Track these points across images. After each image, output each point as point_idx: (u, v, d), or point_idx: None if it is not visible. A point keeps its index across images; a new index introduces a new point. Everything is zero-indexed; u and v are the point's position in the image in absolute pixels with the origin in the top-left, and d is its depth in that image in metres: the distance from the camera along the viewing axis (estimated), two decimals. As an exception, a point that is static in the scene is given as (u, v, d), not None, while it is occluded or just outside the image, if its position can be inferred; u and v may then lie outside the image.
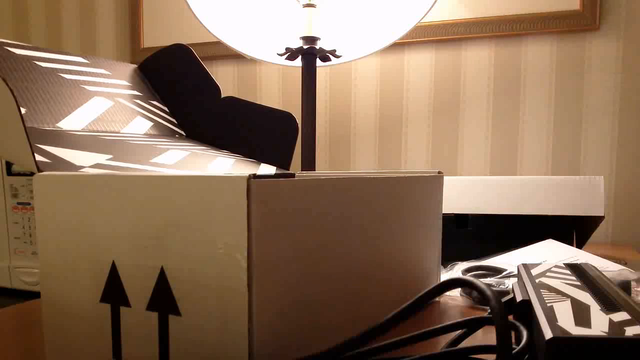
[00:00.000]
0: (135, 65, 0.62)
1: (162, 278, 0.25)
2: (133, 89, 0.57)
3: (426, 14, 0.91)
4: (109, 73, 0.56)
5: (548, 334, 0.20)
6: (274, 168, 0.55)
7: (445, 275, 0.52)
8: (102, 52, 1.40)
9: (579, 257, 0.53)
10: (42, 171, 0.31)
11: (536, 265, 0.34)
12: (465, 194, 0.66)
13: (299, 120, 1.15)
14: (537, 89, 1.01)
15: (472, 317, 0.26)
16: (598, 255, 0.69)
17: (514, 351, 0.22)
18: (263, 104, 0.63)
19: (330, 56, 0.92)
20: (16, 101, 0.30)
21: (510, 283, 0.44)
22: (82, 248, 0.28)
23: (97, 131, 0.46)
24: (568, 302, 0.25)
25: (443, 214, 0.64)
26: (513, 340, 0.30)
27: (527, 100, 1.02)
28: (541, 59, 1.00)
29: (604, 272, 0.43)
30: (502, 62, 1.03)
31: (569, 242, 0.63)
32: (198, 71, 0.61)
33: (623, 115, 0.96)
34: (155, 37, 1.32)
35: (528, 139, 1.02)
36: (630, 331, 0.20)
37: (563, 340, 0.20)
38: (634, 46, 0.95)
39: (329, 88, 1.17)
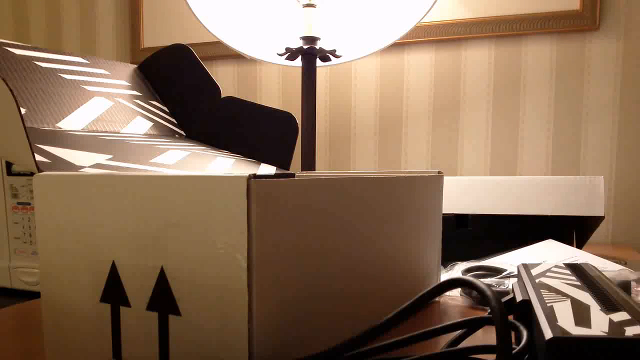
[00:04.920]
0: (135, 66, 0.62)
1: (162, 278, 0.25)
2: (133, 89, 0.57)
3: (426, 14, 0.91)
4: (109, 73, 0.56)
5: (548, 334, 0.20)
6: (274, 168, 0.55)
7: (445, 275, 0.52)
8: (102, 52, 1.40)
9: (579, 257, 0.53)
10: (42, 171, 0.31)
11: (536, 265, 0.34)
12: (465, 194, 0.66)
13: (299, 120, 1.15)
14: (537, 88, 1.01)
15: (472, 317, 0.26)
16: (598, 255, 0.69)
17: (514, 351, 0.22)
18: (263, 104, 0.63)
19: (330, 56, 0.92)
20: (16, 101, 0.30)
21: (510, 283, 0.44)
22: (82, 248, 0.28)
23: (97, 131, 0.46)
24: (568, 302, 0.25)
25: (443, 214, 0.64)
26: (513, 340, 0.30)
27: (527, 100, 1.02)
28: (541, 59, 1.00)
29: (604, 272, 0.43)
30: (502, 62, 1.03)
31: (569, 242, 0.63)
32: (198, 71, 0.61)
33: (623, 115, 0.96)
34: (155, 37, 1.32)
35: (528, 139, 1.02)
36: (630, 331, 0.20)
37: (563, 340, 0.20)
38: (634, 46, 0.95)
39: (329, 88, 1.17)
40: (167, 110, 0.60)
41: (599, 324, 0.21)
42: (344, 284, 0.31)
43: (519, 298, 0.27)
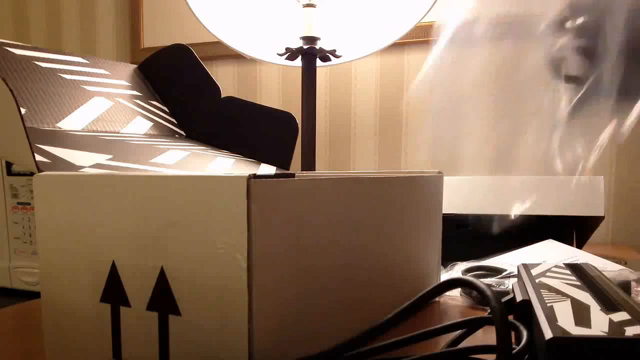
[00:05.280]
0: (135, 66, 0.62)
1: (162, 278, 0.25)
2: (133, 89, 0.57)
3: (426, 14, 0.91)
4: (109, 73, 0.56)
5: (548, 334, 0.20)
6: (274, 168, 0.55)
7: (445, 275, 0.52)
8: (102, 52, 1.40)
9: (579, 257, 0.53)
10: (42, 171, 0.31)
11: (536, 265, 0.34)
12: (465, 194, 0.66)
13: (299, 120, 1.15)
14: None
15: (472, 317, 0.26)
16: (598, 255, 0.69)
17: (514, 351, 0.22)
18: (263, 104, 0.63)
19: (330, 56, 0.92)
20: (16, 101, 0.30)
21: (510, 283, 0.44)
22: (82, 248, 0.28)
23: (97, 131, 0.46)
24: (568, 302, 0.25)
25: (443, 214, 0.64)
26: (513, 340, 0.30)
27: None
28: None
29: (604, 272, 0.43)
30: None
31: (569, 242, 0.63)
32: (198, 71, 0.61)
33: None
34: (155, 37, 1.32)
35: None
36: (630, 331, 0.20)
37: (563, 340, 0.20)
38: (634, 46, 0.95)
39: (329, 88, 1.17)
40: (167, 110, 0.60)
41: (599, 324, 0.21)
42: (344, 284, 0.31)
43: (519, 298, 0.27)
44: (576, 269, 0.32)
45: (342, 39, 0.97)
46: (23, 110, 0.41)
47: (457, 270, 0.51)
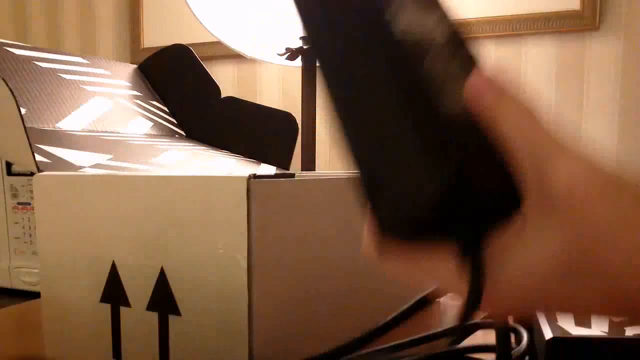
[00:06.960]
0: (135, 66, 0.62)
1: (162, 278, 0.25)
2: (133, 89, 0.57)
3: (426, 14, 0.91)
4: (109, 73, 0.56)
5: (548, 334, 0.21)
6: (274, 168, 0.55)
7: (445, 276, 0.52)
8: (102, 52, 1.40)
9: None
10: (42, 171, 0.31)
11: (536, 265, 0.33)
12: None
13: (299, 120, 1.15)
14: (537, 89, 1.01)
15: (472, 321, 0.26)
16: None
17: (513, 351, 0.22)
18: (263, 104, 0.63)
19: (330, 56, 0.91)
20: (16, 101, 0.30)
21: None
22: (82, 248, 0.28)
23: (97, 131, 0.46)
24: (568, 302, 0.24)
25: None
26: (513, 341, 0.30)
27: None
28: (541, 59, 1.00)
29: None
30: (502, 62, 1.03)
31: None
32: (198, 71, 0.61)
33: (623, 115, 0.96)
34: (155, 37, 1.32)
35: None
36: (630, 331, 0.20)
37: (563, 341, 0.20)
38: (634, 46, 0.95)
39: (329, 88, 1.17)
40: (167, 110, 0.60)
41: (599, 324, 0.21)
42: (344, 284, 0.31)
43: (519, 298, 0.27)
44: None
45: (342, 39, 0.97)
46: (23, 110, 0.41)
47: (457, 270, 0.51)
